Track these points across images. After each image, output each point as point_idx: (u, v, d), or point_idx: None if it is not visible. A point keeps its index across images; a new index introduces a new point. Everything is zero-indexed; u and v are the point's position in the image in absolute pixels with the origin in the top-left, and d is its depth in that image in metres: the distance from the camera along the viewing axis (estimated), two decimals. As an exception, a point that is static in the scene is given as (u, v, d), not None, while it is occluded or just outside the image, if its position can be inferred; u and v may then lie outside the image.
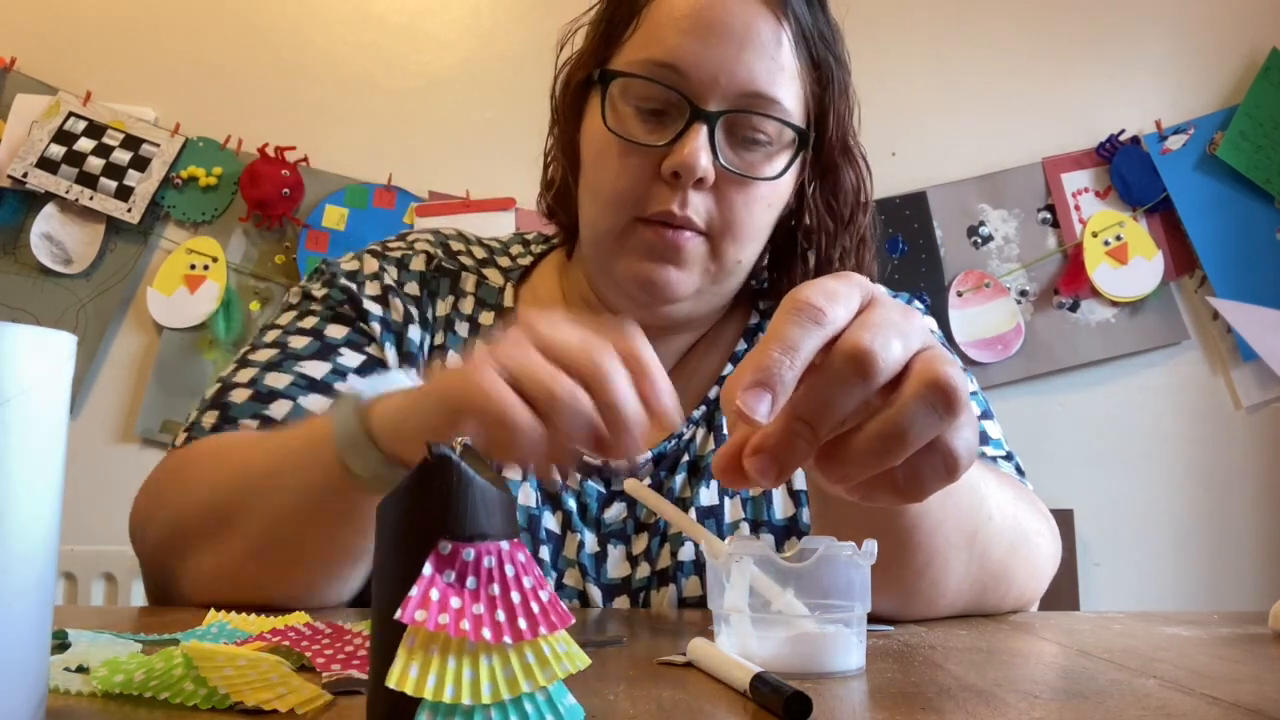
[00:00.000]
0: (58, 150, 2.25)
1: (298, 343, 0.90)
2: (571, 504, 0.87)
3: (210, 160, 2.30)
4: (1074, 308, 2.28)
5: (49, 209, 2.26)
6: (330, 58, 2.35)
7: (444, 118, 2.32)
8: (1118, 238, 2.26)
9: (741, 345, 0.97)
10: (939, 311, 2.24)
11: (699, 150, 0.81)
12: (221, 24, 2.35)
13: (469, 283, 0.96)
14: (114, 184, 2.25)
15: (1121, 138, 2.30)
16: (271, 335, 0.92)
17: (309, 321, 0.92)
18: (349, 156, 2.30)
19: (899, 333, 0.45)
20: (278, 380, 0.87)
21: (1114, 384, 2.30)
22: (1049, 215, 2.31)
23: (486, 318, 0.94)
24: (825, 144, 0.90)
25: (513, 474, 0.82)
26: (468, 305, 0.94)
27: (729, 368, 0.95)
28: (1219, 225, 2.26)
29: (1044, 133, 2.33)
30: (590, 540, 0.87)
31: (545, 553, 0.85)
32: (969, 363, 2.24)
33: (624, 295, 0.89)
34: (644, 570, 0.87)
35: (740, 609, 0.54)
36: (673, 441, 0.90)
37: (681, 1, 0.85)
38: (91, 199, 2.25)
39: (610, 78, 0.86)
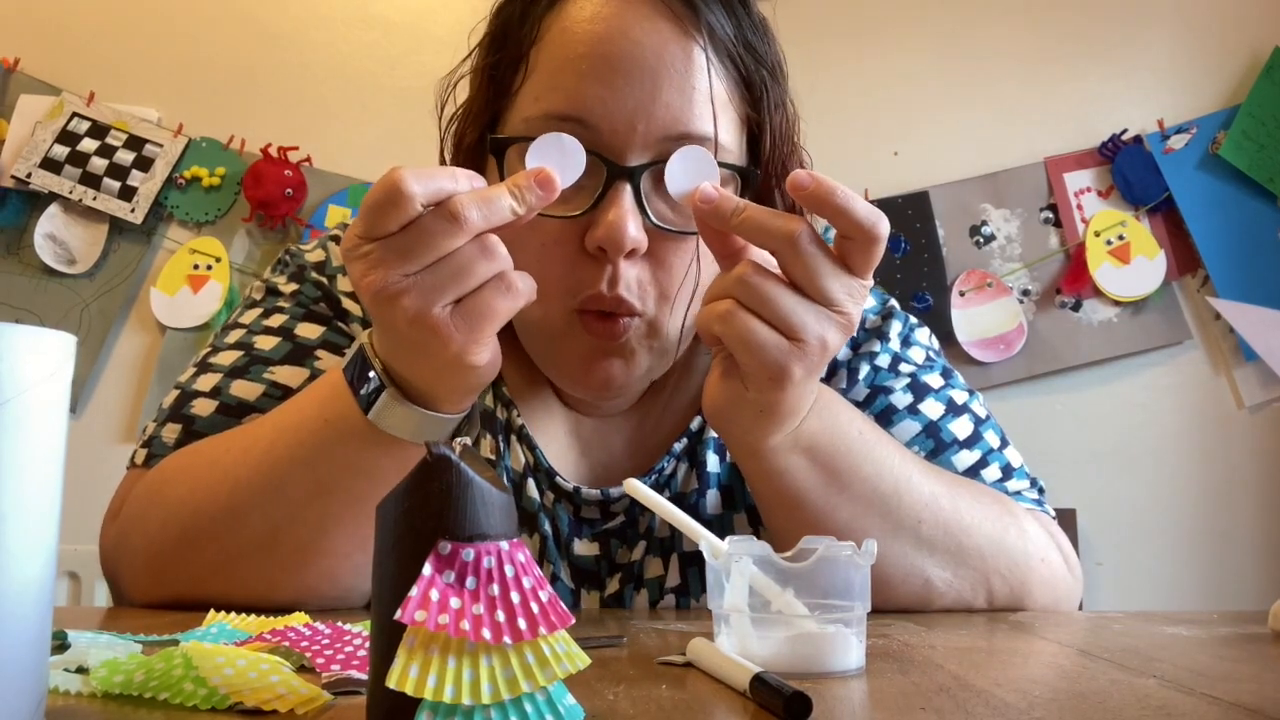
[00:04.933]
0: (61, 150, 2.26)
1: (265, 343, 0.82)
2: (547, 528, 0.83)
3: (213, 160, 2.30)
4: (1076, 307, 2.28)
5: (52, 209, 2.26)
6: (333, 58, 2.35)
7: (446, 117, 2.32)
8: (1120, 237, 2.26)
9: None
10: (941, 311, 2.24)
11: (625, 218, 0.70)
12: (224, 24, 2.35)
13: None
14: (117, 184, 2.26)
15: (1124, 137, 2.30)
16: (234, 335, 0.84)
17: (276, 319, 0.84)
18: (352, 156, 2.30)
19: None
20: (247, 390, 0.80)
21: (1116, 384, 2.29)
22: (1051, 215, 2.30)
23: None
24: (761, 167, 0.80)
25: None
26: None
27: None
28: (1221, 225, 2.26)
29: (1046, 132, 2.32)
30: (565, 574, 0.83)
31: None
32: (971, 362, 2.24)
33: (570, 389, 0.82)
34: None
35: (740, 609, 0.54)
36: (652, 476, 0.84)
37: (575, 38, 0.72)
38: (95, 199, 2.25)
39: (503, 146, 0.74)
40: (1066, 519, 2.17)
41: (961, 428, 0.87)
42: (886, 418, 0.86)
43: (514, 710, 0.38)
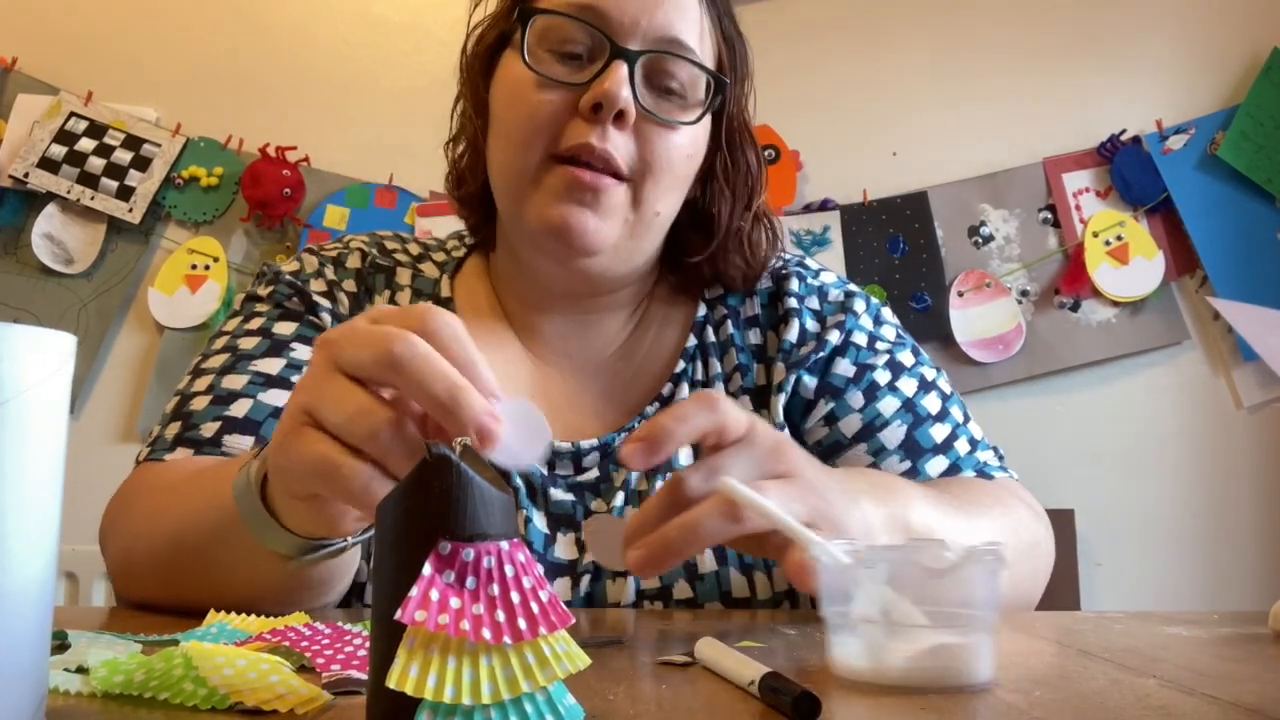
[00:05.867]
0: (59, 150, 2.25)
1: (248, 343, 0.89)
2: (519, 482, 0.86)
3: (211, 160, 2.30)
4: (1075, 308, 2.28)
5: (50, 209, 2.26)
6: (331, 57, 2.35)
7: (445, 117, 2.32)
8: (1119, 238, 2.26)
9: (692, 341, 0.95)
10: (939, 311, 2.24)
11: (621, 83, 0.80)
12: (223, 24, 2.35)
13: (404, 276, 0.96)
14: (115, 184, 2.26)
15: (1122, 137, 2.30)
16: (220, 342, 0.92)
17: (256, 322, 0.92)
18: (350, 156, 2.30)
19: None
20: (234, 381, 0.86)
21: (1115, 384, 2.29)
22: (1050, 215, 2.30)
23: None
24: (728, 119, 0.91)
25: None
26: (405, 297, 0.94)
27: (681, 364, 0.93)
28: (1220, 225, 2.26)
29: (1045, 132, 2.32)
30: (539, 520, 0.86)
31: None
32: (970, 363, 2.24)
33: (538, 249, 0.87)
34: (590, 556, 0.86)
35: (873, 619, 0.51)
36: (622, 435, 0.89)
37: None
38: (93, 199, 2.25)
39: (531, 14, 0.84)
40: (1065, 519, 2.17)
41: (932, 403, 0.94)
42: (872, 394, 0.92)
43: (514, 710, 0.38)
